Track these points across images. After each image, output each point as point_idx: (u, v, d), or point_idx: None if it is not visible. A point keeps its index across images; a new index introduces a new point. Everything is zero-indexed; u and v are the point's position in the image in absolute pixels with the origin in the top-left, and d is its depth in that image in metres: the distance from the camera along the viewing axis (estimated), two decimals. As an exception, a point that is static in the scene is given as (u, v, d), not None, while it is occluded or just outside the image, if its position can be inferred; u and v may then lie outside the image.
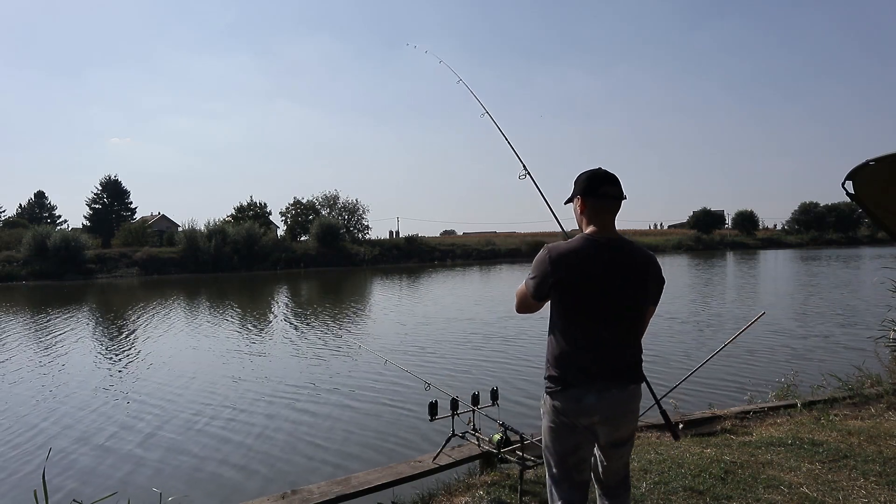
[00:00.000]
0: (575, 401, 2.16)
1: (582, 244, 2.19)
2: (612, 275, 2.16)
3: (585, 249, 2.17)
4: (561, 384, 2.18)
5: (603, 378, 2.16)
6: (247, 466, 5.96)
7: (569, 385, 2.17)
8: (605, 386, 2.15)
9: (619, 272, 2.17)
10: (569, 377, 2.17)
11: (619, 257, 2.18)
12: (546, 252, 2.20)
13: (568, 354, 2.18)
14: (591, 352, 2.16)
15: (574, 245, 2.19)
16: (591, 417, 2.17)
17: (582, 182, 2.27)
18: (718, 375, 8.43)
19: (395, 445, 6.39)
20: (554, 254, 2.18)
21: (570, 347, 2.18)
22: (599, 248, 2.17)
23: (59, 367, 11.03)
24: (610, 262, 2.17)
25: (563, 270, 2.16)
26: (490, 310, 17.87)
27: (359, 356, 11.00)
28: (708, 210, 73.12)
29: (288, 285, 31.79)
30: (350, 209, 55.65)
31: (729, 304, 18.15)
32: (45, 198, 68.15)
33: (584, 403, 2.15)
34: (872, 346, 7.92)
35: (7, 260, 38.52)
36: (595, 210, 2.24)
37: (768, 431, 4.73)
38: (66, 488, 5.49)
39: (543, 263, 2.20)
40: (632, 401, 2.24)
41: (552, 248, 2.20)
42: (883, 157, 2.89)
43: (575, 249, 2.18)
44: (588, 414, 2.16)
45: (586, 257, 2.16)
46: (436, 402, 4.08)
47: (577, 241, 2.21)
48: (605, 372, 2.16)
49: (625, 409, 2.21)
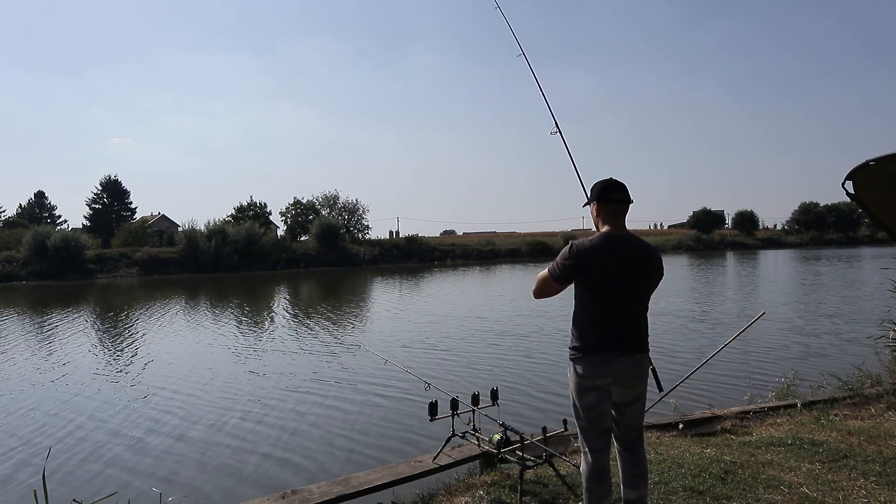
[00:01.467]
0: (592, 365, 2.64)
1: (601, 240, 2.65)
2: (625, 265, 2.63)
3: (604, 244, 2.64)
4: (582, 352, 2.67)
5: (615, 348, 2.63)
6: (247, 466, 5.97)
7: (588, 353, 2.65)
8: (616, 354, 2.63)
9: (630, 263, 2.64)
10: (588, 347, 2.65)
11: (631, 251, 2.66)
12: (572, 246, 2.67)
13: (588, 328, 2.67)
14: (606, 327, 2.64)
15: (595, 241, 2.66)
16: (606, 379, 2.65)
17: (597, 190, 2.75)
18: (718, 375, 8.43)
19: (396, 445, 6.39)
20: (579, 247, 2.65)
21: (589, 323, 2.67)
22: (615, 243, 2.64)
23: (58, 368, 11.02)
24: (623, 255, 2.63)
25: (585, 260, 2.63)
26: (490, 310, 17.87)
27: (359, 356, 11.00)
28: (708, 210, 73.09)
29: (288, 285, 31.79)
30: (350, 209, 55.67)
31: (729, 304, 18.15)
32: (45, 198, 68.26)
33: (600, 368, 2.63)
34: (872, 346, 7.93)
35: (7, 260, 38.51)
36: (608, 213, 2.72)
37: (768, 431, 4.73)
38: (67, 488, 5.48)
39: (567, 253, 2.67)
40: (639, 366, 2.71)
41: (577, 244, 2.66)
42: (883, 157, 2.89)
43: (595, 244, 2.64)
44: (603, 376, 2.64)
45: (604, 251, 2.62)
46: (436, 402, 4.09)
47: (597, 238, 2.67)
48: (617, 343, 2.63)
49: (633, 373, 2.68)
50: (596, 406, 2.68)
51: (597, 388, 2.66)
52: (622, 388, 2.68)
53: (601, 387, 2.66)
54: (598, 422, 2.70)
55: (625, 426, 2.78)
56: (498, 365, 10.07)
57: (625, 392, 2.70)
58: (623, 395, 2.70)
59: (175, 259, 42.58)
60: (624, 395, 2.71)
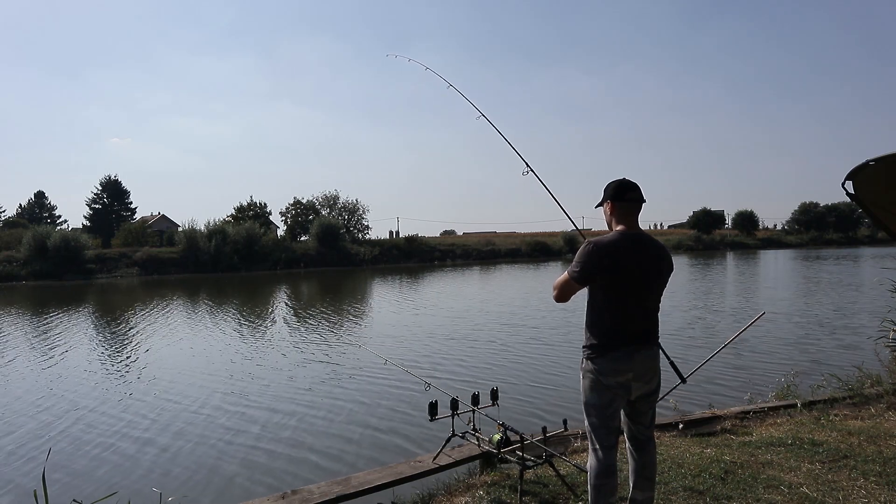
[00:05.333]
0: (614, 361, 2.67)
1: (618, 238, 2.69)
2: (644, 263, 2.69)
3: (621, 242, 2.68)
4: (601, 350, 2.69)
5: (635, 342, 2.69)
6: (247, 466, 5.96)
7: (608, 349, 2.68)
8: (637, 348, 2.69)
9: (646, 261, 2.70)
10: (608, 343, 2.68)
11: (646, 249, 2.72)
12: (592, 245, 2.68)
13: (607, 325, 2.70)
14: (625, 322, 2.68)
15: (612, 239, 2.69)
16: (627, 375, 2.68)
17: (611, 190, 2.79)
18: (718, 375, 8.43)
19: (395, 445, 6.39)
20: (595, 245, 2.67)
21: (609, 320, 2.70)
22: (631, 241, 2.69)
23: (58, 367, 11.02)
24: (641, 252, 2.69)
25: (605, 259, 2.65)
26: (490, 310, 17.87)
27: (359, 356, 10.99)
28: (708, 210, 73.11)
29: (288, 285, 31.78)
30: (350, 209, 55.66)
31: (729, 303, 18.14)
32: (45, 198, 68.26)
33: (622, 364, 2.67)
34: (872, 346, 7.93)
35: (7, 260, 38.51)
36: (622, 212, 2.77)
37: (768, 431, 4.72)
38: (67, 488, 5.48)
39: (589, 254, 2.67)
40: (656, 358, 2.79)
41: (596, 242, 2.68)
42: (883, 157, 2.89)
43: (614, 242, 2.68)
44: (625, 372, 2.67)
45: (622, 249, 2.66)
46: (436, 402, 4.08)
47: (614, 236, 2.71)
48: (636, 337, 2.70)
49: (651, 366, 2.75)
50: (611, 403, 2.71)
51: (616, 385, 2.68)
52: (642, 381, 2.73)
53: (622, 383, 2.68)
54: (611, 419, 2.72)
55: (640, 422, 2.83)
56: (498, 365, 10.07)
57: (644, 385, 2.74)
58: (642, 388, 2.74)
59: (175, 259, 42.57)
60: (643, 388, 2.75)
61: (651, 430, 2.86)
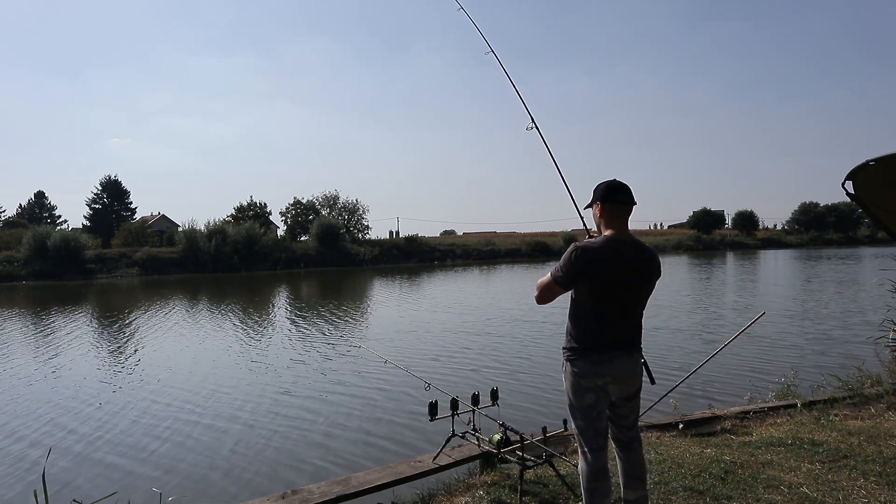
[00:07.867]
0: (593, 364, 2.66)
1: (604, 244, 2.65)
2: (627, 269, 2.64)
3: (607, 248, 2.63)
4: (580, 352, 2.68)
5: (614, 348, 2.67)
6: (247, 466, 5.96)
7: (587, 353, 2.67)
8: (617, 354, 2.67)
9: (632, 267, 2.65)
10: (588, 346, 2.67)
11: (636, 254, 2.67)
12: (576, 249, 2.64)
13: (588, 329, 2.68)
14: (606, 327, 2.66)
15: (598, 244, 2.66)
16: (605, 378, 2.66)
17: (601, 191, 2.74)
18: (718, 375, 8.43)
19: (395, 445, 6.39)
20: (582, 251, 2.63)
21: (590, 324, 2.67)
22: (618, 247, 2.64)
23: (58, 367, 11.03)
24: (629, 258, 2.65)
25: (589, 265, 2.61)
26: (490, 310, 17.87)
27: (359, 356, 10.99)
28: (708, 210, 73.15)
29: (288, 285, 31.79)
30: (350, 209, 55.69)
31: (729, 303, 18.15)
32: (45, 198, 68.27)
33: (601, 367, 2.65)
34: (872, 346, 7.93)
35: (7, 260, 38.54)
36: (611, 214, 2.71)
37: (768, 431, 4.72)
38: (67, 488, 5.48)
39: (573, 258, 2.63)
40: (636, 365, 2.75)
41: (580, 247, 2.64)
42: (883, 157, 2.89)
43: (599, 247, 2.64)
44: (602, 375, 2.65)
45: (607, 255, 2.62)
46: (436, 402, 4.08)
47: (601, 241, 2.67)
48: (616, 343, 2.67)
49: (632, 371, 2.72)
50: (594, 405, 2.69)
51: (595, 388, 2.66)
52: (621, 385, 2.70)
53: (600, 385, 2.66)
54: (596, 421, 2.71)
55: (621, 424, 2.80)
56: (498, 365, 10.07)
57: (623, 388, 2.72)
58: (621, 391, 2.72)
59: (175, 259, 42.58)
60: (622, 392, 2.72)
61: (634, 431, 2.84)
